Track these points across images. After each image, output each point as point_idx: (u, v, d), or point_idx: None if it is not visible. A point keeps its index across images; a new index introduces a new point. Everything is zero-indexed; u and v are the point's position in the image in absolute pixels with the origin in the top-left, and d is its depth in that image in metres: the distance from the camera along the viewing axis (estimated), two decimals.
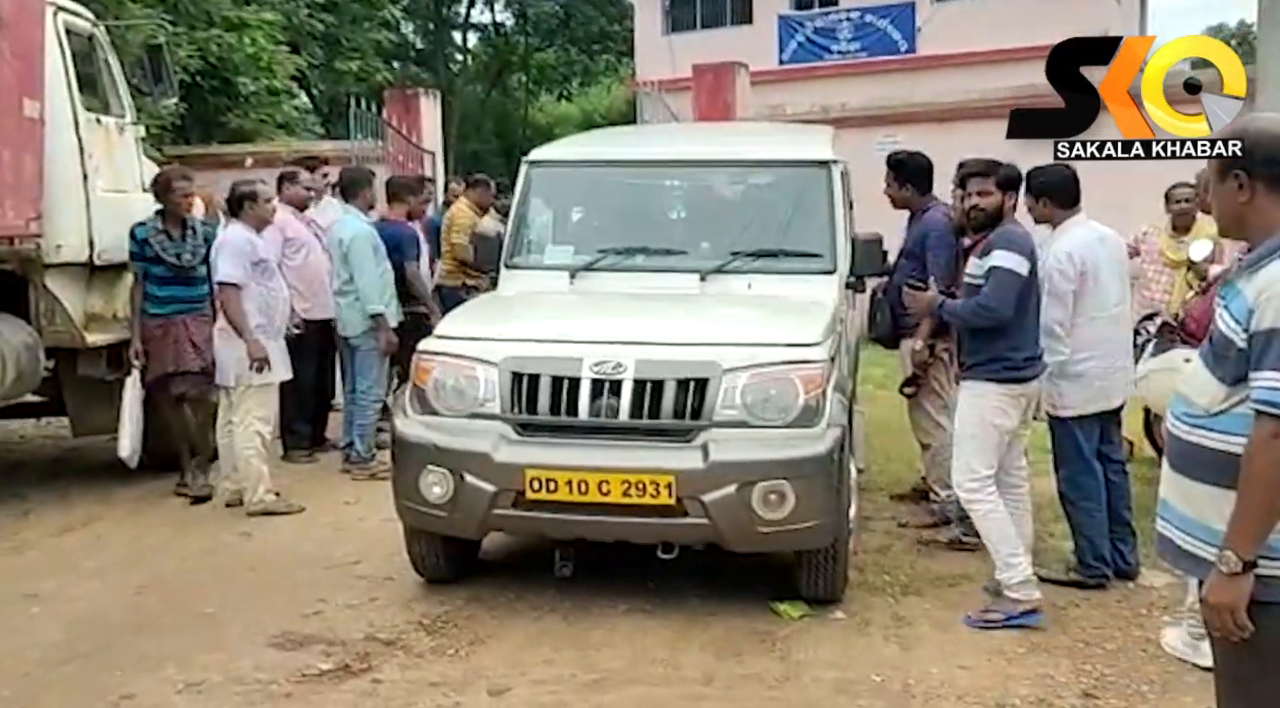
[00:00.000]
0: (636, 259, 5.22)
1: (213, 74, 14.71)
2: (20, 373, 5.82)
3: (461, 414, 4.36)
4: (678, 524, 4.19)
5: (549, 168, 5.70)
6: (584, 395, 4.24)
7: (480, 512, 4.27)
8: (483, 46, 32.62)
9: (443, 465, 4.29)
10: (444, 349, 4.53)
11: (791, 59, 20.98)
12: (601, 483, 4.12)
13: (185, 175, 6.37)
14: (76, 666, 4.04)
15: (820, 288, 4.98)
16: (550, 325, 4.78)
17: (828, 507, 4.22)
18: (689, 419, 4.20)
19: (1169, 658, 3.97)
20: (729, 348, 4.32)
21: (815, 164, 5.43)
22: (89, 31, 6.64)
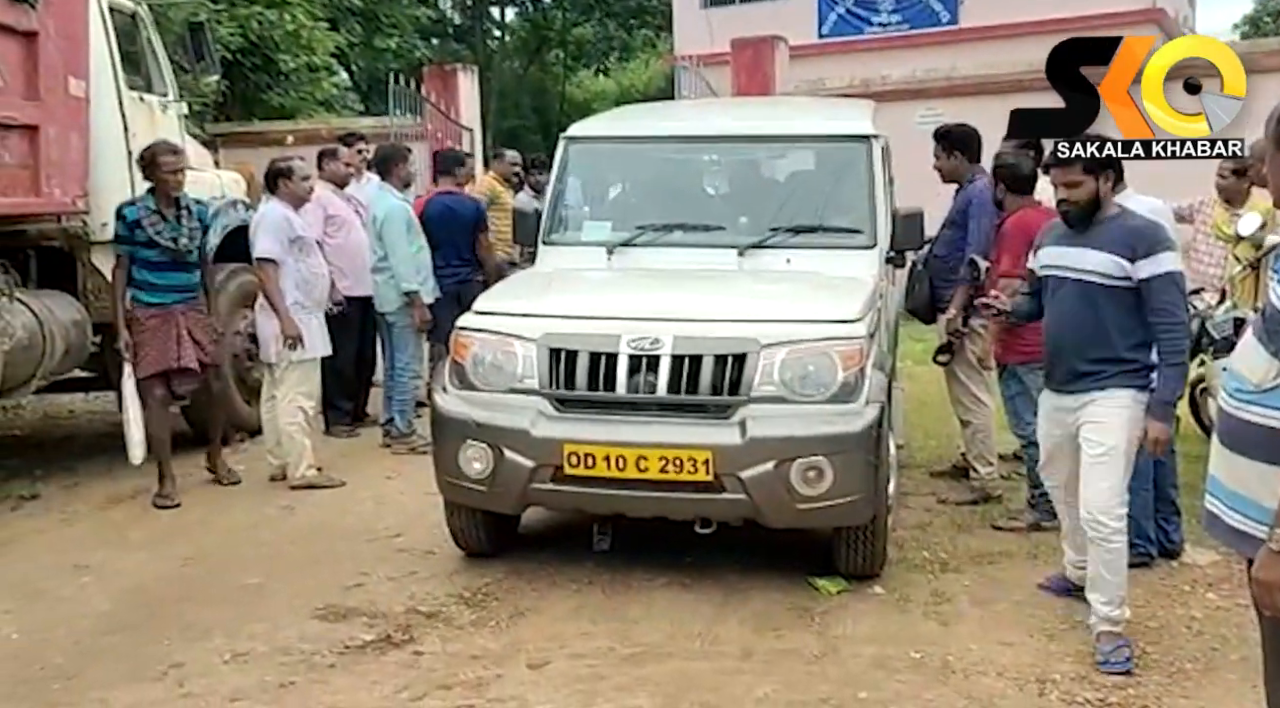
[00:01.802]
0: (674, 235, 5.21)
1: (253, 51, 14.82)
2: (69, 348, 5.93)
3: (500, 390, 4.38)
4: (715, 500, 4.20)
5: (587, 144, 5.69)
6: (622, 371, 4.24)
7: (519, 487, 4.30)
8: (520, 22, 32.50)
9: (482, 441, 4.32)
10: (482, 325, 4.55)
11: (831, 32, 20.73)
12: (639, 459, 4.13)
13: (174, 149, 5.85)
14: (126, 635, 4.13)
15: (860, 264, 4.93)
16: (588, 302, 4.79)
17: (866, 483, 4.19)
18: (727, 395, 4.19)
19: (1212, 636, 3.94)
20: (767, 324, 4.29)
21: (855, 138, 5.37)
22: (132, 9, 6.71)
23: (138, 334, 5.66)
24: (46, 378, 5.98)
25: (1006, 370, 5.12)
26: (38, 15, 5.41)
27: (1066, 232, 3.88)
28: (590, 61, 31.80)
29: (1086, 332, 3.79)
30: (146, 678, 3.74)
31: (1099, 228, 3.79)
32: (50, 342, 5.78)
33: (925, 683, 3.63)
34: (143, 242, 5.61)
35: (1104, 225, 3.79)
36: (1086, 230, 3.81)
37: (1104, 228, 3.79)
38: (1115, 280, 3.74)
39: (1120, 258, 3.72)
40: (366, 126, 13.50)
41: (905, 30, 20.29)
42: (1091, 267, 3.77)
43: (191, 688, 3.66)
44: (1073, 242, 3.85)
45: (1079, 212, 3.82)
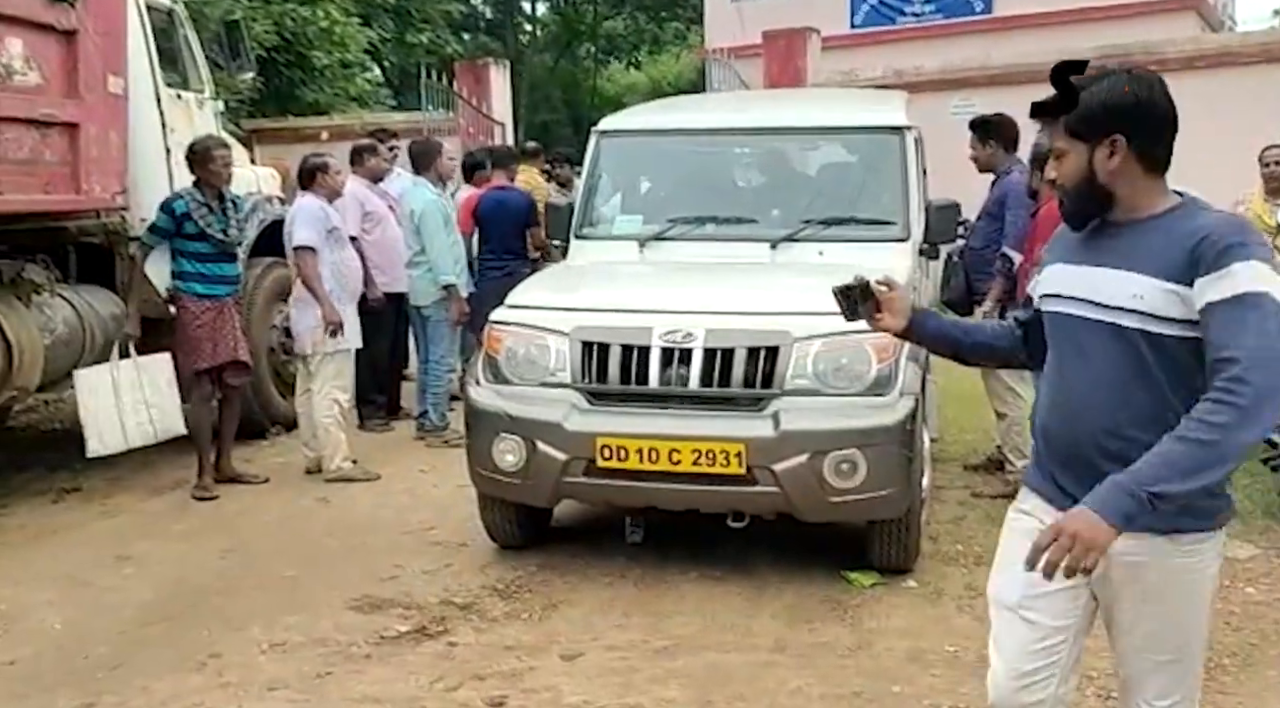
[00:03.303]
0: (706, 228, 5.20)
1: (287, 48, 14.95)
2: (108, 342, 6.01)
3: (533, 383, 4.40)
4: (748, 493, 4.19)
5: (618, 137, 5.69)
6: (654, 364, 4.25)
7: (552, 480, 4.31)
8: (551, 15, 32.55)
9: (515, 434, 4.34)
10: (515, 319, 4.57)
11: (864, 23, 20.59)
12: (672, 452, 4.13)
13: (224, 143, 6.03)
14: (167, 625, 4.19)
15: (893, 256, 4.87)
16: (620, 295, 4.79)
17: (900, 476, 4.17)
18: (759, 388, 4.19)
19: (1251, 630, 3.90)
20: (800, 317, 4.24)
21: (888, 130, 5.35)
22: (168, 7, 6.79)
23: (192, 328, 5.70)
24: None
25: None
26: (77, 14, 5.47)
27: (1083, 239, 2.25)
28: (621, 55, 31.80)
29: (1124, 414, 2.12)
30: (187, 668, 3.80)
31: (1137, 232, 2.14)
32: (90, 335, 5.88)
33: (959, 678, 3.62)
34: (193, 234, 5.66)
35: (1145, 227, 2.14)
36: (1115, 237, 2.18)
37: (1144, 232, 2.13)
38: (1169, 322, 2.08)
39: (1172, 282, 2.06)
40: (399, 121, 13.58)
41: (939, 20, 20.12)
42: (1121, 300, 2.12)
43: (230, 678, 3.72)
44: (1090, 256, 2.21)
45: (1070, 202, 2.23)
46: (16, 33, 5.15)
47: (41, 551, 5.10)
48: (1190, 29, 16.61)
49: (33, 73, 5.26)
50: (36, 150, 5.29)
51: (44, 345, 5.51)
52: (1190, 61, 11.94)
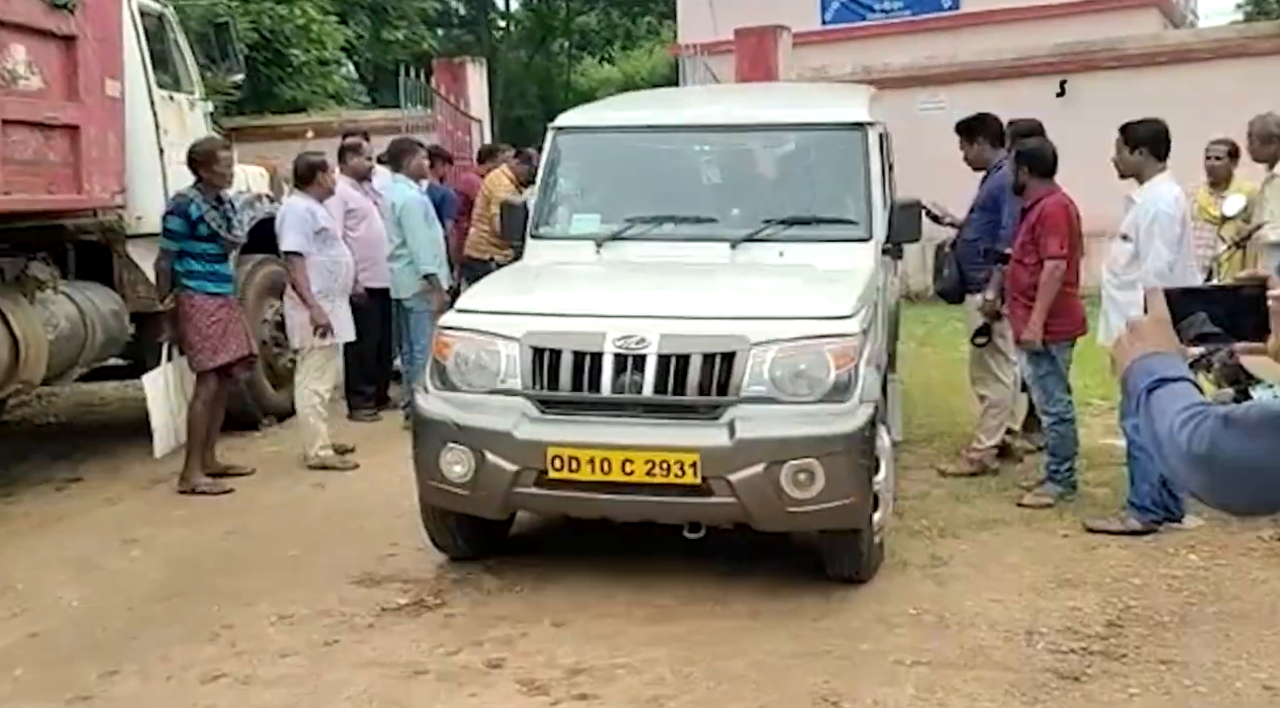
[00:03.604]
0: (665, 228, 5.12)
1: (265, 46, 15.06)
2: (108, 337, 6.24)
3: (482, 390, 4.26)
4: (704, 504, 4.08)
5: (575, 134, 5.57)
6: (607, 371, 4.12)
7: (502, 491, 4.17)
8: (525, 11, 32.73)
9: (463, 443, 4.19)
10: (464, 324, 4.43)
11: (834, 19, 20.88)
12: (625, 462, 4.01)
13: (226, 145, 6.17)
14: (178, 601, 4.44)
15: (855, 256, 4.84)
16: (572, 299, 4.68)
17: (859, 485, 4.08)
18: (715, 395, 4.07)
19: (1191, 592, 4.22)
20: (757, 321, 4.19)
21: (850, 126, 5.27)
22: (159, 11, 6.99)
23: (208, 326, 5.84)
24: (87, 365, 6.31)
25: (1038, 349, 5.27)
26: (76, 20, 5.68)
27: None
28: (594, 50, 32.04)
29: None
30: (201, 639, 4.05)
31: None
32: (91, 331, 6.10)
33: (923, 636, 3.92)
34: (205, 236, 5.79)
35: None
36: None
37: None
38: None
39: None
40: (377, 118, 13.79)
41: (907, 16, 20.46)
42: None
43: (244, 647, 3.97)
44: None
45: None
46: (19, 39, 5.36)
47: (50, 536, 5.32)
48: (1153, 25, 17.01)
49: (35, 77, 5.47)
50: (40, 152, 5.51)
51: (48, 340, 5.72)
52: (1151, 57, 12.34)
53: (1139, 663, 3.67)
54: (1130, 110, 5.52)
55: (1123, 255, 4.97)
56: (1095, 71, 12.37)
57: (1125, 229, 4.99)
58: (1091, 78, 12.27)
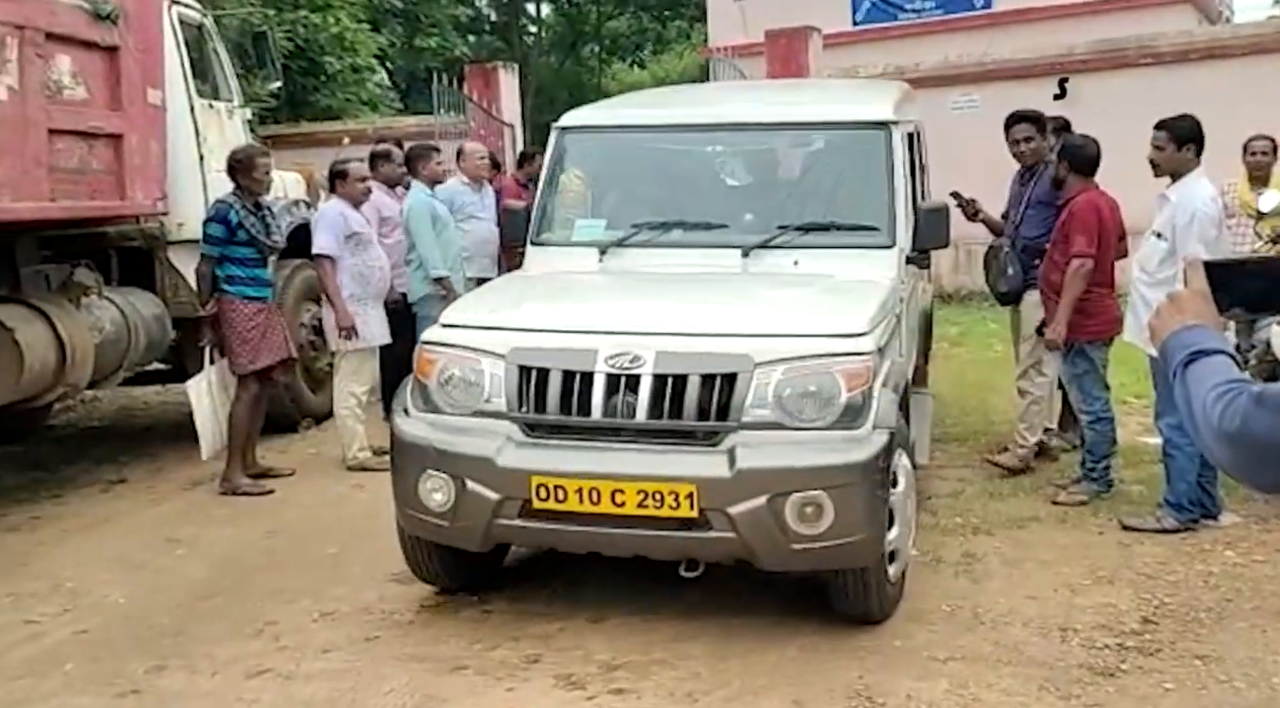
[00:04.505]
0: (673, 234, 4.82)
1: (300, 54, 15.31)
2: (151, 341, 6.38)
3: (466, 412, 3.96)
4: (701, 539, 3.74)
5: (581, 134, 5.29)
6: (597, 392, 3.80)
7: (483, 522, 3.85)
8: (556, 16, 32.90)
9: (443, 470, 3.89)
10: (448, 339, 4.11)
11: (865, 19, 20.85)
12: (615, 492, 3.69)
13: (265, 152, 6.26)
14: (222, 599, 4.53)
15: (877, 265, 4.52)
16: (563, 313, 4.34)
17: (872, 520, 3.73)
18: (714, 420, 3.74)
19: (1227, 589, 4.21)
20: (762, 339, 3.85)
21: (872, 126, 4.93)
22: (199, 21, 7.13)
23: (248, 330, 5.94)
24: (131, 369, 6.44)
25: (1074, 349, 5.26)
26: (119, 31, 5.81)
27: None
28: (625, 54, 32.12)
29: None
30: (245, 635, 4.14)
31: None
32: (135, 335, 6.23)
33: (956, 632, 3.94)
34: (244, 241, 5.89)
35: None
36: None
37: None
38: None
39: None
40: (411, 124, 13.92)
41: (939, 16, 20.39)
42: None
43: (287, 642, 4.06)
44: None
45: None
46: (65, 50, 5.49)
47: (97, 536, 5.44)
48: (1187, 21, 16.86)
49: (80, 87, 5.61)
50: (85, 160, 5.64)
51: (93, 345, 5.85)
52: (1184, 54, 12.24)
53: (1174, 659, 3.68)
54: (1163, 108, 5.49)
55: (1156, 253, 4.95)
56: (1129, 69, 12.29)
57: (1159, 227, 4.97)
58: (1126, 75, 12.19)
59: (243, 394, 6.07)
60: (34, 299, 5.68)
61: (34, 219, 5.50)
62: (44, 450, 7.23)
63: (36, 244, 6.00)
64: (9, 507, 5.92)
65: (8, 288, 5.75)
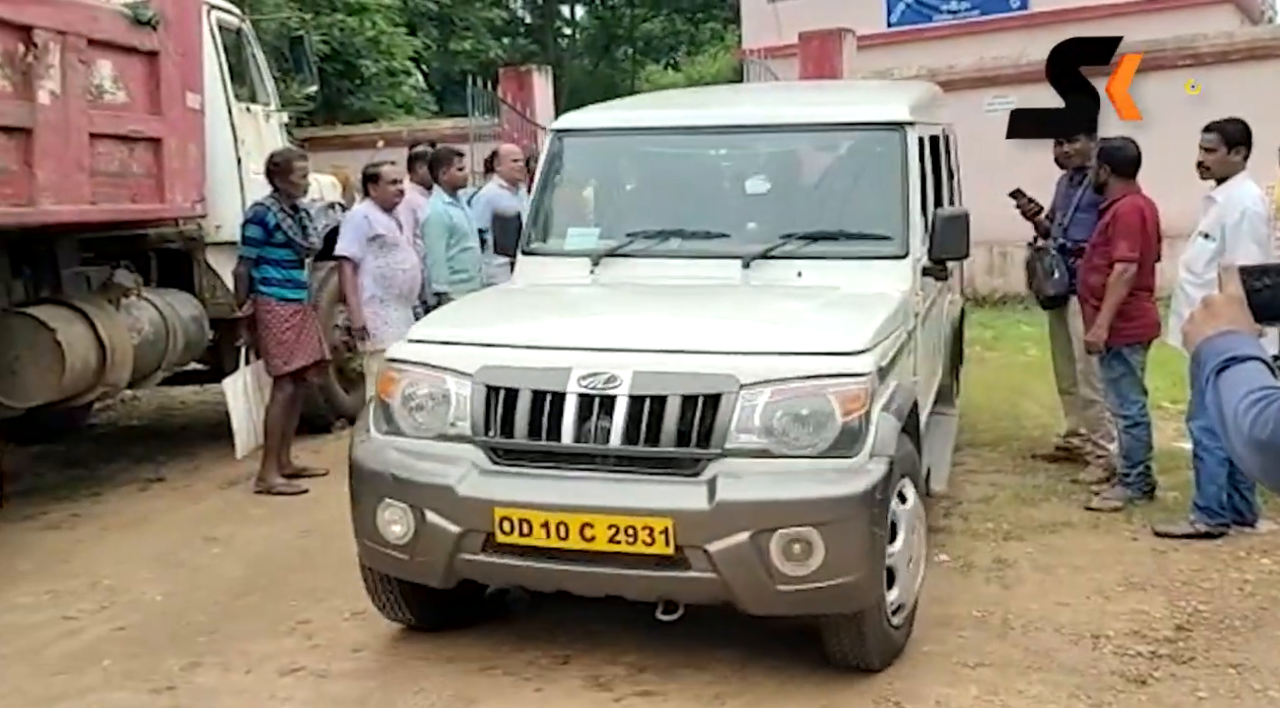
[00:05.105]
0: (670, 243, 4.53)
1: (337, 58, 15.47)
2: (189, 342, 6.48)
3: (430, 435, 3.68)
4: (678, 578, 3.44)
5: (577, 137, 5.02)
6: (569, 415, 3.50)
7: (444, 556, 3.57)
8: (590, 19, 33.03)
9: (402, 500, 3.62)
10: (413, 355, 3.82)
11: (900, 21, 20.76)
12: (584, 526, 3.40)
13: (303, 155, 6.34)
14: (257, 597, 4.59)
15: (887, 277, 4.22)
16: (536, 327, 4.07)
17: (867, 560, 3.40)
18: (695, 447, 3.43)
19: (1263, 597, 4.16)
20: (749, 357, 3.52)
21: (885, 126, 4.60)
22: (237, 25, 7.23)
23: (282, 331, 6.01)
24: (169, 369, 6.54)
25: (1111, 352, 5.21)
26: (159, 36, 5.90)
27: None
28: (659, 56, 32.20)
29: None
30: (279, 633, 4.19)
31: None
32: (173, 336, 6.33)
33: (985, 639, 3.92)
34: (280, 243, 5.96)
35: None
36: None
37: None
38: None
39: None
40: (446, 127, 14.01)
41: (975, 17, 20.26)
42: None
43: (319, 641, 4.11)
44: None
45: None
46: (106, 55, 5.58)
47: (136, 534, 5.53)
48: (1228, 22, 16.66)
49: (120, 92, 5.70)
50: (125, 163, 5.74)
51: (132, 345, 5.95)
52: (1224, 55, 12.10)
53: (1208, 667, 3.64)
54: (1203, 109, 5.44)
55: (1204, 254, 4.90)
56: (1168, 70, 12.15)
57: (1206, 228, 4.93)
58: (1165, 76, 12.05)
59: (278, 395, 6.13)
60: (75, 300, 5.79)
61: (75, 221, 5.60)
62: (84, 449, 7.35)
63: (77, 246, 6.12)
64: (49, 504, 6.03)
65: (49, 289, 5.87)
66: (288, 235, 5.98)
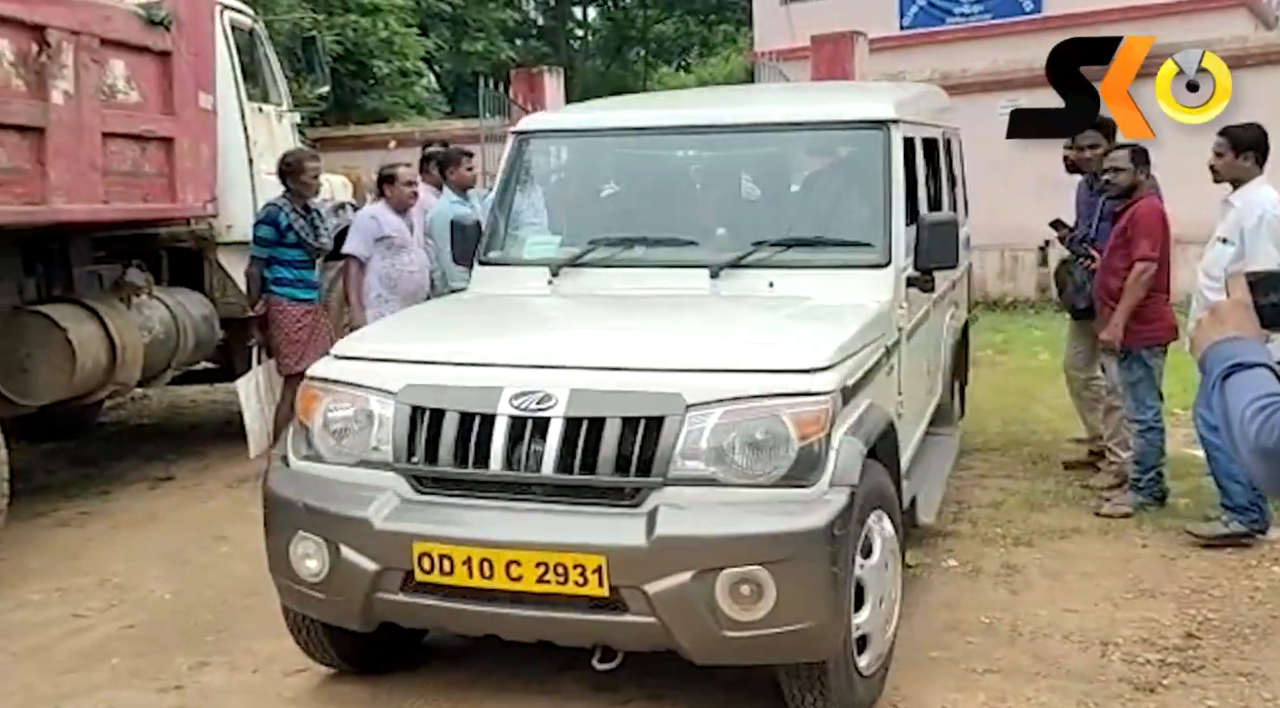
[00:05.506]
0: (635, 252, 4.25)
1: (349, 58, 15.52)
2: (199, 341, 6.50)
3: (351, 461, 3.37)
4: (614, 623, 3.08)
5: (541, 139, 4.78)
6: (499, 439, 3.17)
7: (361, 596, 3.25)
8: (602, 21, 33.06)
9: (316, 533, 3.30)
10: (335, 373, 3.51)
11: (912, 24, 20.73)
12: (510, 564, 3.06)
13: (315, 156, 6.37)
14: (264, 596, 4.52)
15: (866, 287, 3.90)
16: (469, 342, 3.74)
17: (826, 604, 3.03)
18: (635, 475, 3.09)
19: (1274, 605, 4.14)
20: (698, 374, 3.19)
21: (866, 125, 4.27)
22: (249, 26, 7.25)
23: (294, 331, 6.03)
24: (180, 368, 6.56)
25: (1130, 355, 5.17)
26: (172, 36, 5.93)
27: None
28: (671, 58, 32.21)
29: None
30: (285, 632, 4.14)
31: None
32: (183, 335, 6.35)
33: (994, 645, 3.91)
34: (292, 243, 5.99)
35: None
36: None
37: None
38: None
39: None
40: (458, 128, 14.03)
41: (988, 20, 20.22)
42: None
43: None
44: None
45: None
46: (119, 55, 5.60)
47: (145, 533, 5.56)
48: (1243, 26, 16.59)
49: (133, 92, 5.72)
50: (137, 163, 5.76)
51: (143, 344, 5.97)
52: (1238, 60, 12.02)
53: (1217, 675, 3.62)
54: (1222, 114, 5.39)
55: (1223, 258, 4.85)
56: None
57: (1224, 232, 4.90)
58: None
59: (289, 394, 6.12)
60: (86, 299, 5.81)
61: (88, 220, 5.62)
62: (94, 447, 7.38)
63: (90, 245, 6.15)
64: (59, 502, 6.05)
65: (61, 287, 5.89)
66: (299, 236, 6.01)
